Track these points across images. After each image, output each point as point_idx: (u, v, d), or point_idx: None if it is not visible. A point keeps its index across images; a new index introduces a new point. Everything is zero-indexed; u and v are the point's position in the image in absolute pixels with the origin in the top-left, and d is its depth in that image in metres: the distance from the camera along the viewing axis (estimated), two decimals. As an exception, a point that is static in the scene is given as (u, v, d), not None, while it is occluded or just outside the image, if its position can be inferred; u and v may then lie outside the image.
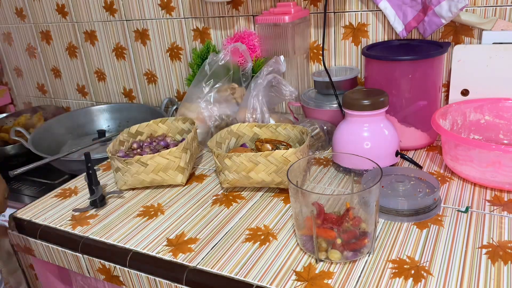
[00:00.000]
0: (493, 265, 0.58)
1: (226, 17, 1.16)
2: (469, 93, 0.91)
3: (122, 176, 0.83)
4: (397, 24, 0.95)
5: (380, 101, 0.77)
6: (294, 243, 0.65)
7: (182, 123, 0.97)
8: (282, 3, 1.00)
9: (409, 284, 0.56)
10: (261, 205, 0.77)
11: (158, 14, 1.25)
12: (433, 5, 0.87)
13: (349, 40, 1.04)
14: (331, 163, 0.88)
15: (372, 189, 0.57)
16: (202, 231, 0.71)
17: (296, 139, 0.88)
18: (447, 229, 0.65)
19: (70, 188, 0.90)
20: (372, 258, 0.61)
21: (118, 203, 0.82)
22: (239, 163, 0.76)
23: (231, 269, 0.61)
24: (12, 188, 1.18)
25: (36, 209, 0.83)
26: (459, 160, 0.76)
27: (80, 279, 0.85)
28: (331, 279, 0.57)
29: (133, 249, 0.68)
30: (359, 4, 1.00)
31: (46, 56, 1.57)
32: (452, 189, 0.76)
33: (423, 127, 0.90)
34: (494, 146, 0.71)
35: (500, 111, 0.86)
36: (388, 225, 0.68)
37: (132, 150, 0.92)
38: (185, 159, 0.84)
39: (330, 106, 0.96)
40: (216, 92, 0.99)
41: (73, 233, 0.74)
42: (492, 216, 0.68)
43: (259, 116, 0.93)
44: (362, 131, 0.79)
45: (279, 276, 0.59)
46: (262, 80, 0.93)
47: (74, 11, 1.40)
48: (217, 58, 1.01)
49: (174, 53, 1.29)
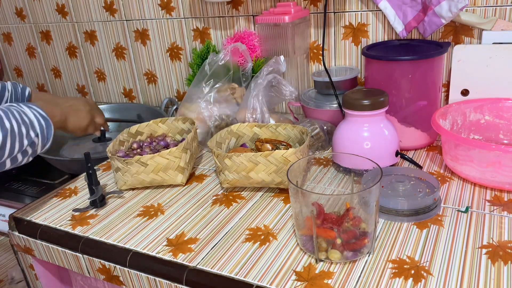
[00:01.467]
0: (493, 265, 0.58)
1: (226, 17, 1.16)
2: (469, 93, 0.90)
3: (122, 176, 0.83)
4: (397, 24, 0.95)
5: (380, 101, 0.77)
6: (294, 243, 0.65)
7: (182, 123, 0.97)
8: (282, 3, 1.00)
9: (409, 284, 0.56)
10: (261, 205, 0.77)
11: (158, 14, 1.25)
12: (433, 5, 0.87)
13: (349, 40, 1.04)
14: (331, 163, 0.88)
15: (372, 189, 0.57)
16: (202, 231, 0.71)
17: (296, 139, 0.88)
18: (447, 229, 0.65)
19: (70, 188, 0.90)
20: (372, 258, 0.61)
21: (118, 203, 0.82)
22: (239, 163, 0.76)
23: (231, 269, 0.61)
24: (12, 188, 1.18)
25: (36, 209, 0.83)
26: (459, 160, 0.76)
27: (80, 279, 0.85)
28: (331, 279, 0.57)
29: (133, 249, 0.68)
30: (359, 4, 1.00)
31: (46, 56, 1.57)
32: (452, 189, 0.76)
33: (423, 127, 0.90)
34: (494, 146, 0.71)
35: (500, 111, 0.86)
36: (388, 225, 0.68)
37: (132, 150, 0.92)
38: (185, 159, 0.84)
39: (330, 106, 0.96)
40: (216, 92, 0.99)
41: (73, 233, 0.74)
42: (492, 216, 0.68)
43: (259, 116, 0.93)
44: (362, 131, 0.79)
45: (279, 276, 0.59)
46: (262, 80, 0.93)
47: (74, 11, 1.40)
48: (217, 58, 1.01)
49: (174, 53, 1.29)
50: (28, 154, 0.74)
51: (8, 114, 0.70)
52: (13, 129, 0.69)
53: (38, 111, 0.76)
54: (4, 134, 0.68)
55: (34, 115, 0.74)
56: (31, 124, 0.73)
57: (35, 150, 0.75)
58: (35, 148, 0.75)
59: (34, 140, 0.73)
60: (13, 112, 0.71)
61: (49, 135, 0.77)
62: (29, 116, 0.73)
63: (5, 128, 0.68)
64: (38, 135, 0.74)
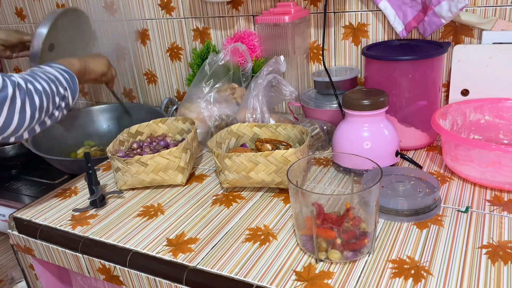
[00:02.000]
0: (493, 265, 0.58)
1: (226, 17, 1.16)
2: (469, 93, 0.90)
3: (122, 176, 0.83)
4: (397, 24, 0.95)
5: (380, 101, 0.77)
6: (294, 243, 0.65)
7: (182, 123, 0.97)
8: (282, 3, 1.00)
9: (409, 284, 0.56)
10: (261, 205, 0.77)
11: (158, 14, 1.25)
12: (433, 5, 0.87)
13: (349, 40, 1.04)
14: (331, 163, 0.88)
15: (372, 189, 0.57)
16: (202, 231, 0.71)
17: (296, 139, 0.88)
18: (447, 229, 0.65)
19: (70, 188, 0.90)
20: (372, 258, 0.61)
21: (118, 203, 0.82)
22: (239, 163, 0.76)
23: (231, 269, 0.61)
24: (12, 188, 1.18)
25: (36, 209, 0.83)
26: (459, 160, 0.76)
27: (80, 279, 0.85)
28: (331, 279, 0.57)
29: (133, 249, 0.68)
30: (359, 4, 1.00)
31: (46, 56, 1.57)
32: (452, 189, 0.76)
33: (423, 127, 0.90)
34: (494, 146, 0.71)
35: (500, 111, 0.86)
36: (388, 225, 0.68)
37: (132, 150, 0.92)
38: (185, 159, 0.84)
39: (330, 106, 0.96)
40: (216, 92, 0.99)
41: (73, 233, 0.74)
42: (492, 216, 0.68)
43: (259, 116, 0.93)
44: (362, 131, 0.79)
45: (279, 276, 0.59)
46: (262, 80, 0.93)
47: (74, 11, 1.40)
48: (217, 58, 1.01)
49: (174, 53, 1.29)
50: (62, 108, 0.78)
51: (35, 77, 0.73)
52: (45, 89, 0.73)
53: (59, 67, 0.80)
54: (39, 96, 0.71)
55: (57, 71, 0.78)
56: (58, 80, 0.77)
57: (68, 103, 0.79)
58: (67, 101, 0.79)
59: (64, 94, 0.77)
60: (39, 74, 0.75)
61: (75, 86, 0.81)
62: (53, 73, 0.77)
63: (39, 91, 0.71)
64: (66, 89, 0.78)
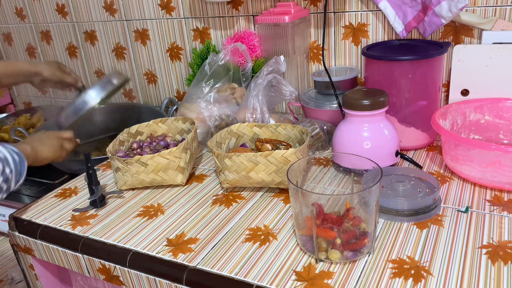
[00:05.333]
0: (493, 265, 0.58)
1: (226, 17, 1.16)
2: (469, 93, 0.90)
3: (122, 176, 0.83)
4: (397, 24, 0.95)
5: (380, 101, 0.77)
6: (294, 243, 0.65)
7: (182, 123, 0.97)
8: (282, 3, 1.00)
9: (409, 284, 0.56)
10: (261, 205, 0.77)
11: (158, 14, 1.25)
12: (433, 5, 0.87)
13: (349, 40, 1.04)
14: (331, 163, 0.88)
15: (372, 189, 0.57)
16: (202, 231, 0.71)
17: (296, 139, 0.88)
18: (447, 229, 0.65)
19: (70, 188, 0.90)
20: (372, 258, 0.61)
21: (118, 203, 0.82)
22: (239, 163, 0.76)
23: (231, 269, 0.61)
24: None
25: (36, 209, 0.83)
26: (459, 160, 0.76)
27: (80, 279, 0.85)
28: (331, 279, 0.57)
29: (133, 249, 0.68)
30: (359, 4, 1.00)
31: (46, 56, 1.57)
32: (452, 189, 0.76)
33: (423, 127, 0.90)
34: (494, 146, 0.71)
35: (500, 111, 0.86)
36: (388, 225, 0.68)
37: (132, 150, 0.92)
38: (185, 159, 0.84)
39: (330, 106, 0.96)
40: (216, 92, 0.99)
41: (73, 233, 0.74)
42: (492, 216, 0.68)
43: (259, 116, 0.93)
44: (362, 131, 0.79)
45: (279, 276, 0.59)
46: (262, 80, 0.93)
47: (74, 11, 1.40)
48: (217, 58, 1.01)
49: (174, 53, 1.29)
50: (2, 190, 0.74)
51: None
52: None
53: (11, 148, 0.76)
54: None
55: (8, 151, 0.74)
56: (6, 161, 0.73)
57: (9, 186, 0.75)
58: (9, 184, 0.74)
59: (9, 176, 0.73)
60: None
61: (23, 170, 0.77)
62: (3, 152, 0.74)
63: None
64: (12, 171, 0.74)
